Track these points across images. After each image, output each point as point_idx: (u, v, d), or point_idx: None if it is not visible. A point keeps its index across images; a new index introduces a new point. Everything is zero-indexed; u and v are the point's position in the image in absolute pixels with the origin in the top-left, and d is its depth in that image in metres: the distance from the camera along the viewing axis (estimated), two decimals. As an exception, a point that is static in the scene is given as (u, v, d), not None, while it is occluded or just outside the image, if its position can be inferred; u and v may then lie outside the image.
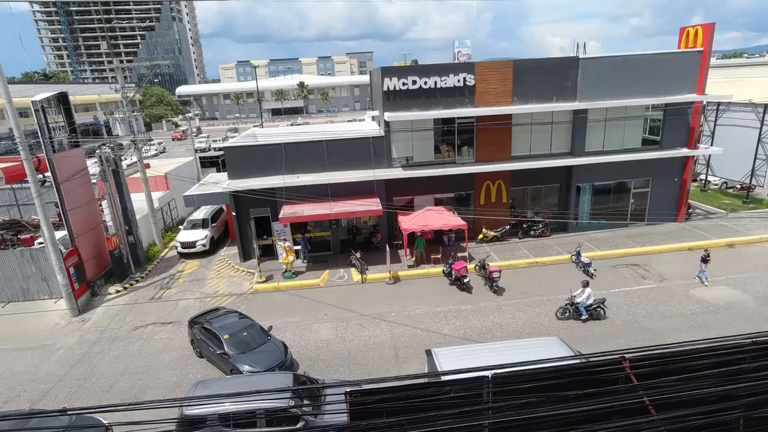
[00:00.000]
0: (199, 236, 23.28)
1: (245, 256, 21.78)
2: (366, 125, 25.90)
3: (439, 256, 20.51)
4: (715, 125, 27.91)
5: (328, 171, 20.82)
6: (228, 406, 9.72)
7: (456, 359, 10.63)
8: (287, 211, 19.86)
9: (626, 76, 20.95)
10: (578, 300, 15.49)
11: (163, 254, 23.77)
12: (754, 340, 4.94)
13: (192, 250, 23.00)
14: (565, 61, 21.03)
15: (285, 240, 20.53)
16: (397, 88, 20.07)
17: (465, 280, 17.97)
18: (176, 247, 23.38)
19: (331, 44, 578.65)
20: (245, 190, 19.95)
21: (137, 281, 20.61)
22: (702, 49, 21.43)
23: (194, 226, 24.17)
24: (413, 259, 20.66)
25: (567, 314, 15.73)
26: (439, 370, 10.27)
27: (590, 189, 22.90)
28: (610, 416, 4.58)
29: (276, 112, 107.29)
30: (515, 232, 22.91)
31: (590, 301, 15.39)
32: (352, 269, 20.29)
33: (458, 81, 20.14)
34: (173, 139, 73.14)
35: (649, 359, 4.75)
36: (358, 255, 19.93)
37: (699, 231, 22.45)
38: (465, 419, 4.66)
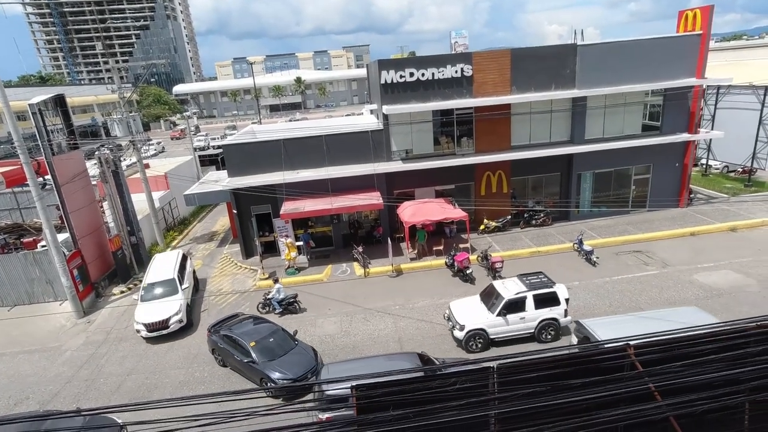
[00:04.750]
0: (171, 310, 15.88)
1: (247, 253, 21.83)
2: (365, 119, 25.83)
3: (441, 248, 20.54)
4: (715, 109, 27.76)
5: (328, 166, 20.79)
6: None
7: (607, 328, 11.60)
8: (288, 207, 19.86)
9: (625, 61, 20.80)
10: (270, 296, 16.67)
11: (165, 254, 23.83)
12: (758, 323, 4.95)
13: (165, 332, 15.63)
14: (563, 48, 20.89)
15: (287, 236, 20.56)
16: (395, 81, 19.98)
17: (468, 272, 17.99)
18: (138, 331, 15.76)
19: (327, 38, 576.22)
20: (246, 187, 19.94)
21: (141, 281, 20.68)
22: (701, 32, 21.25)
23: (158, 293, 16.61)
24: (415, 251, 20.68)
25: (266, 309, 16.96)
26: (596, 338, 11.19)
27: (591, 177, 22.84)
28: (615, 403, 4.59)
29: (274, 109, 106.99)
30: (516, 221, 22.90)
31: (281, 296, 16.75)
32: (355, 263, 20.33)
33: (456, 72, 20.03)
34: (172, 139, 73.06)
35: (653, 346, 4.75)
36: (360, 249, 19.96)
37: (701, 216, 22.42)
38: (471, 410, 4.68)
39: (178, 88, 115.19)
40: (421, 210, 20.01)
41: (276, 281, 17.48)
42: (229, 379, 13.54)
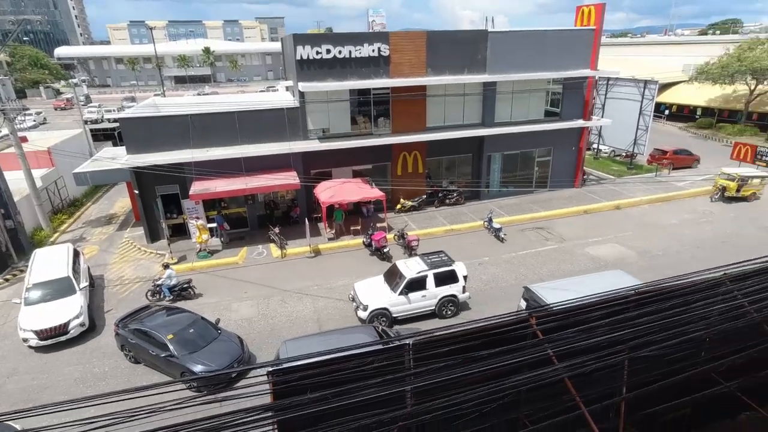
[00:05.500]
0: (70, 312, 13.72)
1: (152, 236, 20.21)
2: (280, 96, 24.83)
3: (359, 227, 20.66)
4: (605, 98, 30.66)
5: (242, 144, 19.76)
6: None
7: (551, 292, 12.35)
8: (198, 187, 18.63)
9: (531, 50, 22.10)
10: (159, 282, 15.94)
11: (53, 239, 21.28)
12: (635, 290, 5.61)
13: (64, 338, 13.46)
14: (476, 34, 21.64)
15: (197, 218, 19.34)
16: (311, 58, 19.38)
17: (385, 250, 18.33)
18: (25, 341, 13.36)
19: (238, 7, 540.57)
20: (149, 166, 18.32)
21: (22, 271, 18.30)
22: (594, 27, 23.18)
23: (49, 294, 14.23)
24: (333, 232, 20.59)
25: (156, 297, 15.92)
26: (544, 302, 11.90)
27: (500, 158, 24.22)
28: (519, 369, 4.97)
29: (180, 81, 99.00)
30: (432, 201, 23.69)
31: (173, 282, 15.91)
32: (272, 245, 19.76)
33: (373, 51, 19.91)
34: (56, 109, 64.75)
35: (551, 315, 5.18)
36: (277, 230, 19.41)
37: (592, 195, 24.87)
38: (388, 387, 4.80)
39: (61, 51, 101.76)
40: (338, 190, 19.88)
41: (166, 267, 16.40)
42: (136, 372, 12.60)
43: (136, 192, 19.30)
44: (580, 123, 24.46)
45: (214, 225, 19.86)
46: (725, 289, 5.52)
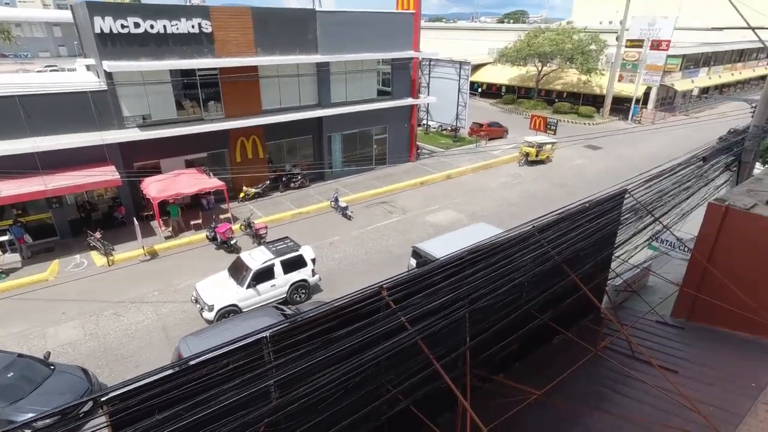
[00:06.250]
0: None
1: None
2: (79, 76, 20.99)
3: (200, 221, 19.05)
4: (429, 78, 33.38)
5: (34, 136, 16.28)
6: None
7: (439, 247, 12.79)
8: (-25, 194, 14.85)
9: (360, 31, 22.69)
10: None
11: None
12: (469, 251, 6.29)
13: None
14: (303, 12, 21.29)
15: (-20, 232, 15.48)
16: (116, 32, 16.76)
17: (232, 242, 17.33)
18: None
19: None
20: None
21: None
22: (414, 11, 24.84)
23: None
24: (170, 229, 18.60)
25: None
26: (434, 257, 11.80)
27: (340, 138, 24.65)
28: (377, 341, 5.19)
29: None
30: (276, 186, 23.05)
31: None
32: (93, 253, 17.00)
33: (193, 27, 18.11)
34: None
35: (401, 284, 5.50)
36: (98, 235, 16.72)
37: (426, 168, 27.12)
38: (249, 386, 4.55)
39: None
40: (171, 183, 17.94)
41: None
42: None
43: None
44: (409, 101, 26.24)
45: (6, 238, 16.17)
46: (535, 239, 6.56)
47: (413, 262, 14.50)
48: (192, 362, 4.50)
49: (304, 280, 14.48)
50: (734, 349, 8.13)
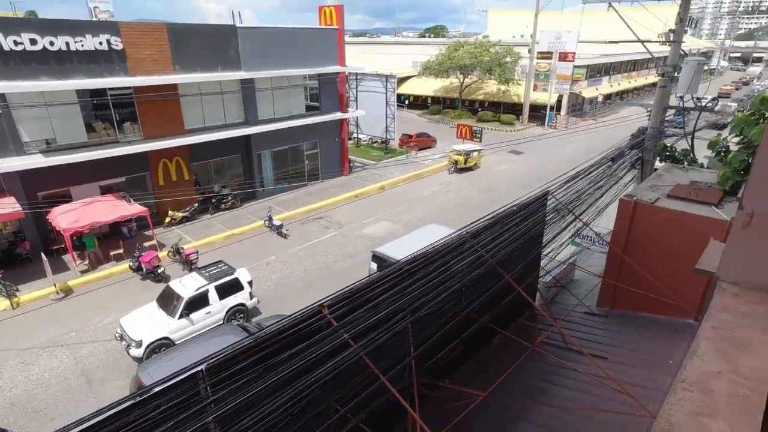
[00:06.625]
0: None
1: None
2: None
3: (122, 251, 17.66)
4: (357, 92, 33.71)
5: None
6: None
7: (399, 250, 12.92)
8: None
9: (284, 47, 22.44)
10: None
11: None
12: (404, 262, 6.33)
13: None
14: (224, 29, 20.70)
15: None
16: (8, 49, 15.24)
17: (159, 271, 16.22)
18: None
19: None
20: None
21: None
22: (337, 27, 25.04)
23: None
24: (86, 262, 17.06)
25: None
26: (395, 260, 11.26)
27: (270, 155, 24.09)
28: (322, 360, 5.03)
29: None
30: (205, 208, 22.00)
31: None
32: (-7, 296, 15.13)
33: (101, 44, 16.95)
34: None
35: (342, 300, 5.39)
36: (-1, 276, 14.95)
37: (360, 180, 27.22)
38: (185, 426, 4.22)
39: None
40: (84, 212, 16.49)
41: None
42: None
43: None
44: (338, 115, 26.29)
45: None
46: (469, 244, 6.74)
47: (374, 266, 14.63)
48: (115, 409, 4.09)
49: (242, 304, 13.85)
50: (652, 332, 8.85)
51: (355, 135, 35.67)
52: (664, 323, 8.80)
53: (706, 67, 58.69)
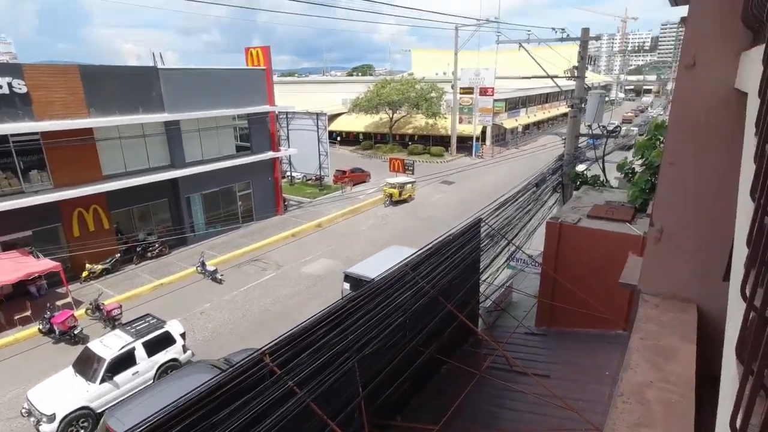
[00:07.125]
0: None
1: None
2: None
3: (29, 313, 15.81)
4: (288, 130, 33.64)
5: None
6: None
7: (369, 269, 13.44)
8: None
9: (209, 88, 22.01)
10: None
11: None
12: (348, 299, 6.22)
13: None
14: (144, 70, 19.98)
15: None
16: None
17: (75, 332, 14.68)
18: None
19: None
20: None
21: None
22: (265, 67, 25.09)
23: None
24: (-13, 329, 15.07)
25: None
26: (369, 279, 10.94)
27: (200, 198, 23.11)
28: (268, 411, 4.72)
29: None
30: (129, 257, 20.45)
31: None
32: None
33: (0, 87, 15.64)
34: None
35: (283, 345, 5.15)
36: None
37: (296, 219, 26.78)
38: None
39: None
40: (-16, 272, 14.71)
41: None
42: None
43: None
44: (270, 154, 25.98)
45: None
46: (409, 277, 6.78)
47: (347, 286, 14.77)
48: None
49: (175, 359, 12.81)
50: (587, 345, 9.30)
51: (288, 173, 35.32)
52: (597, 336, 9.28)
53: (607, 99, 65.41)
